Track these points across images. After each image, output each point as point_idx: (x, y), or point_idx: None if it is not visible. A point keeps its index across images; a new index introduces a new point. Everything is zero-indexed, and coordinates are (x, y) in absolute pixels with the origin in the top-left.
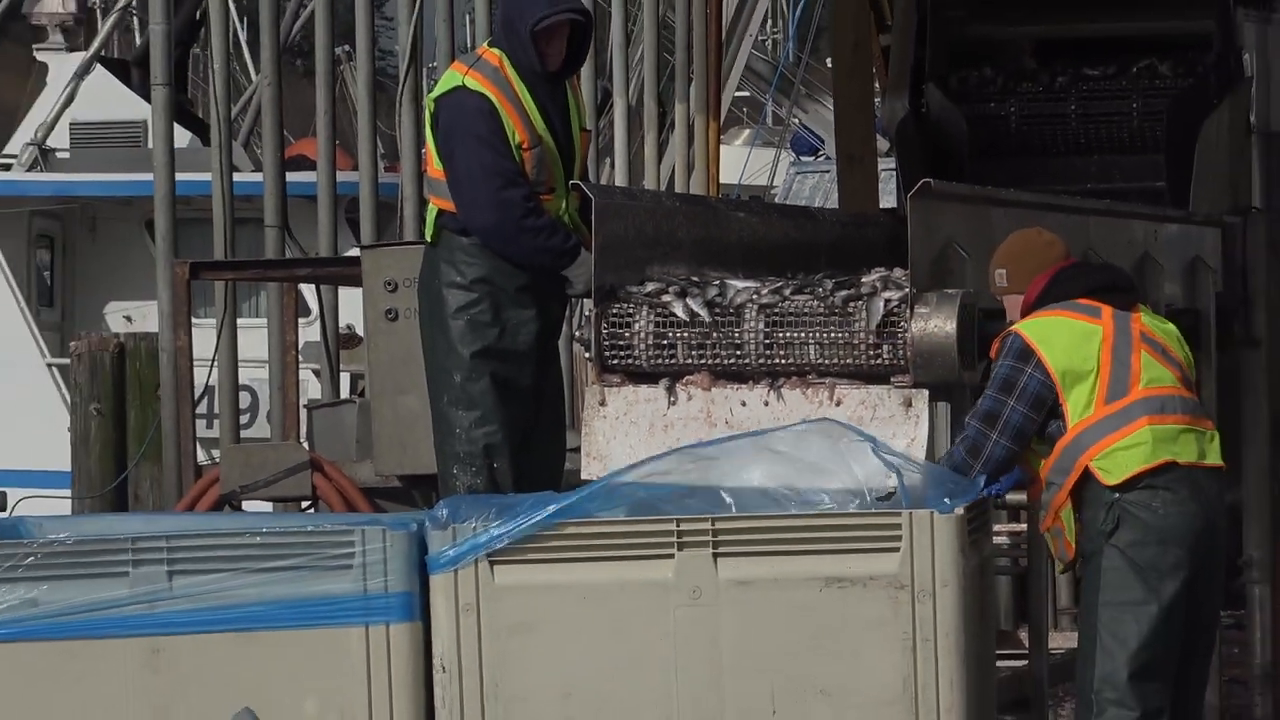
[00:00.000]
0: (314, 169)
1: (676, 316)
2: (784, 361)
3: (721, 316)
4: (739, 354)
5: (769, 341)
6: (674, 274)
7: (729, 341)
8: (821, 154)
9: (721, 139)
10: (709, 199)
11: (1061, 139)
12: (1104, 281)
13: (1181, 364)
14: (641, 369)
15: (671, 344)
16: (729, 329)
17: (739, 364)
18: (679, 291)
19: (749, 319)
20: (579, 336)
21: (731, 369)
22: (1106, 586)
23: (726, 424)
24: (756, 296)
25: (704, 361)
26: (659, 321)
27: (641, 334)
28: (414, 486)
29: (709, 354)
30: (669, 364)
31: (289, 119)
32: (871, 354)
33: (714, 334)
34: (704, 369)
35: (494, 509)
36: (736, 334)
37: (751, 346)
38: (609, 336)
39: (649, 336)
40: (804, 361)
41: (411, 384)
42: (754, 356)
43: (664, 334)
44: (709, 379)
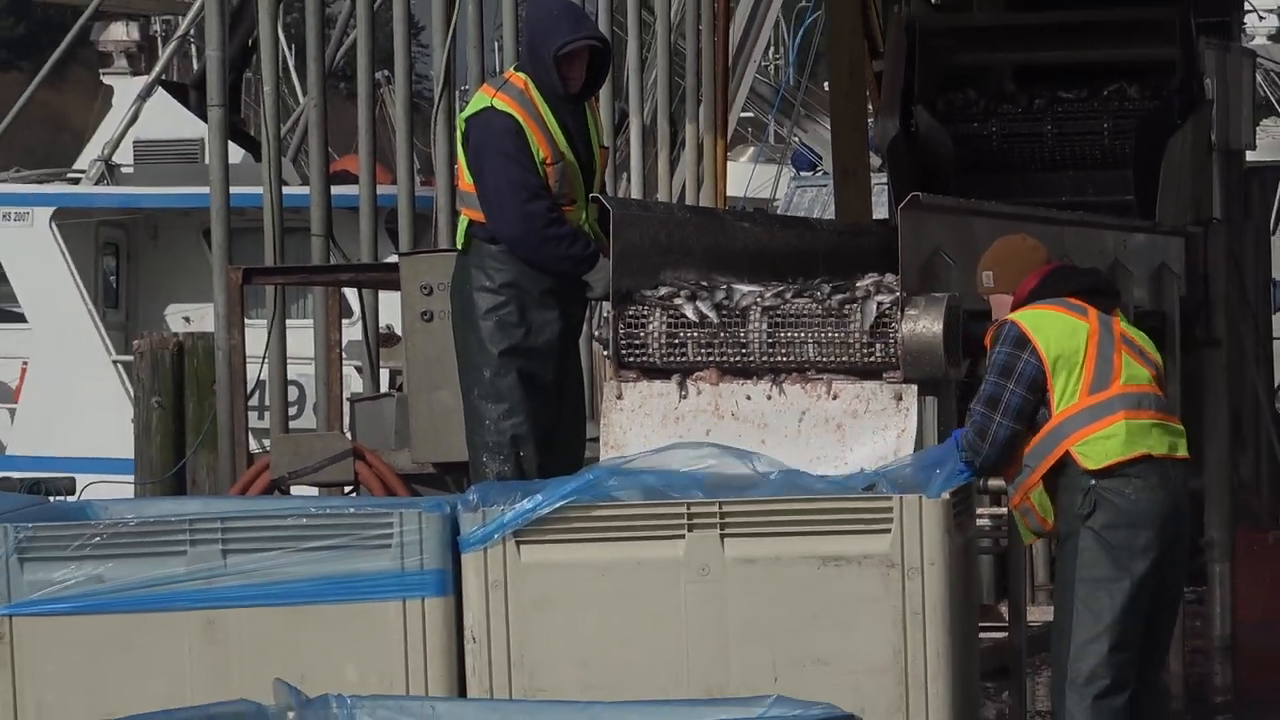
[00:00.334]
0: (356, 183)
1: (687, 318)
2: (785, 359)
3: (728, 318)
4: (744, 352)
5: (771, 341)
6: (685, 279)
7: (735, 341)
8: (819, 169)
9: (728, 156)
10: (717, 210)
11: (1039, 156)
12: (1089, 284)
13: (1156, 364)
14: (655, 365)
15: (683, 343)
16: (735, 329)
17: (744, 361)
18: (689, 295)
19: (753, 320)
20: (598, 336)
21: (737, 366)
22: (1082, 565)
23: (733, 416)
24: (760, 299)
25: (712, 359)
26: (671, 322)
27: (655, 333)
28: (447, 473)
29: (717, 352)
30: (680, 361)
31: (333, 137)
32: (865, 352)
33: (721, 334)
34: (712, 366)
35: (520, 493)
36: (742, 334)
37: (756, 345)
38: (625, 336)
39: (662, 336)
40: (804, 359)
41: (445, 379)
42: (758, 354)
43: (676, 334)
44: (717, 375)
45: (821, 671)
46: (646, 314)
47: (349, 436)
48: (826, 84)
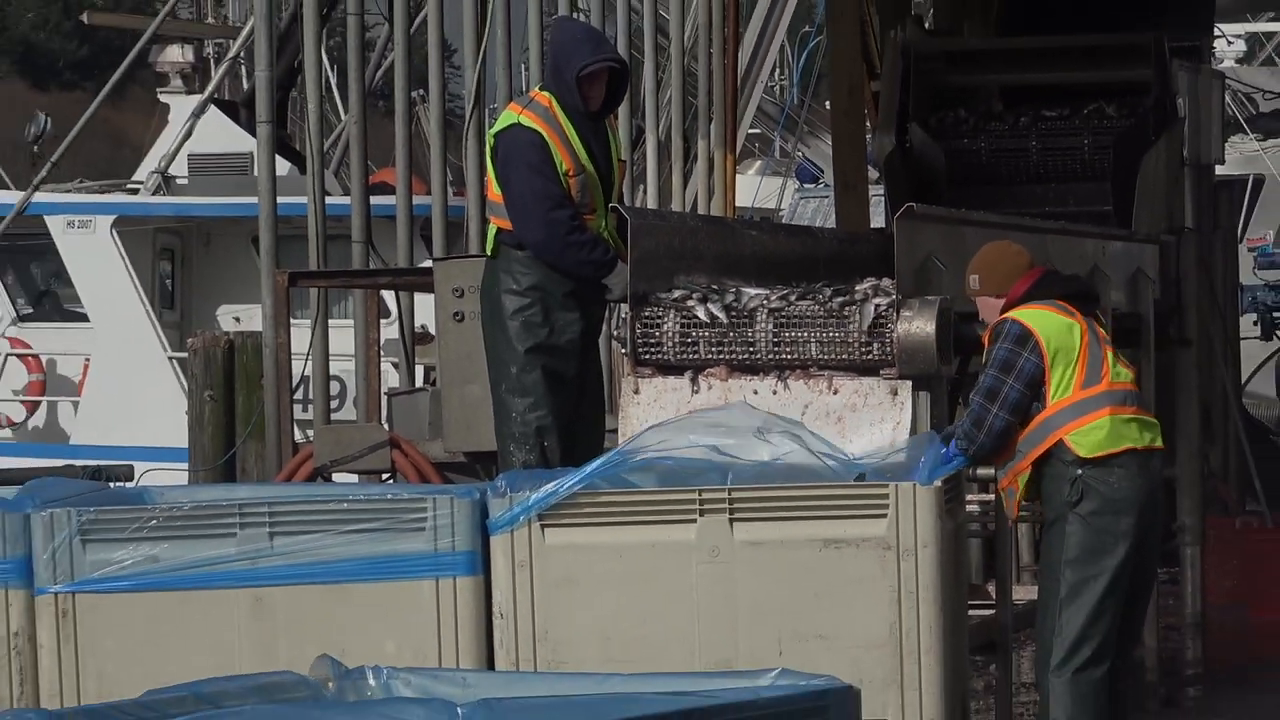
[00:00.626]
0: (393, 193)
1: (699, 318)
2: (790, 357)
3: (737, 318)
4: (752, 350)
5: (777, 340)
6: (697, 282)
7: (743, 340)
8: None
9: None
10: (726, 220)
11: (1024, 170)
12: (1076, 289)
13: (1131, 365)
14: (669, 363)
15: (695, 341)
16: (743, 329)
17: (752, 359)
18: (701, 297)
19: (760, 321)
20: (617, 335)
21: (745, 363)
22: (1069, 548)
23: None
24: (766, 302)
25: (722, 356)
26: (684, 322)
27: (669, 333)
28: (477, 461)
29: (726, 350)
30: (693, 358)
31: (372, 151)
32: (864, 350)
33: (731, 333)
34: (722, 363)
35: (544, 480)
36: (750, 333)
37: (762, 344)
38: (642, 335)
39: (676, 335)
40: (807, 357)
41: (475, 375)
42: (764, 352)
43: (688, 333)
44: (726, 371)
45: (823, 646)
46: (661, 315)
47: (386, 428)
48: (828, 103)
